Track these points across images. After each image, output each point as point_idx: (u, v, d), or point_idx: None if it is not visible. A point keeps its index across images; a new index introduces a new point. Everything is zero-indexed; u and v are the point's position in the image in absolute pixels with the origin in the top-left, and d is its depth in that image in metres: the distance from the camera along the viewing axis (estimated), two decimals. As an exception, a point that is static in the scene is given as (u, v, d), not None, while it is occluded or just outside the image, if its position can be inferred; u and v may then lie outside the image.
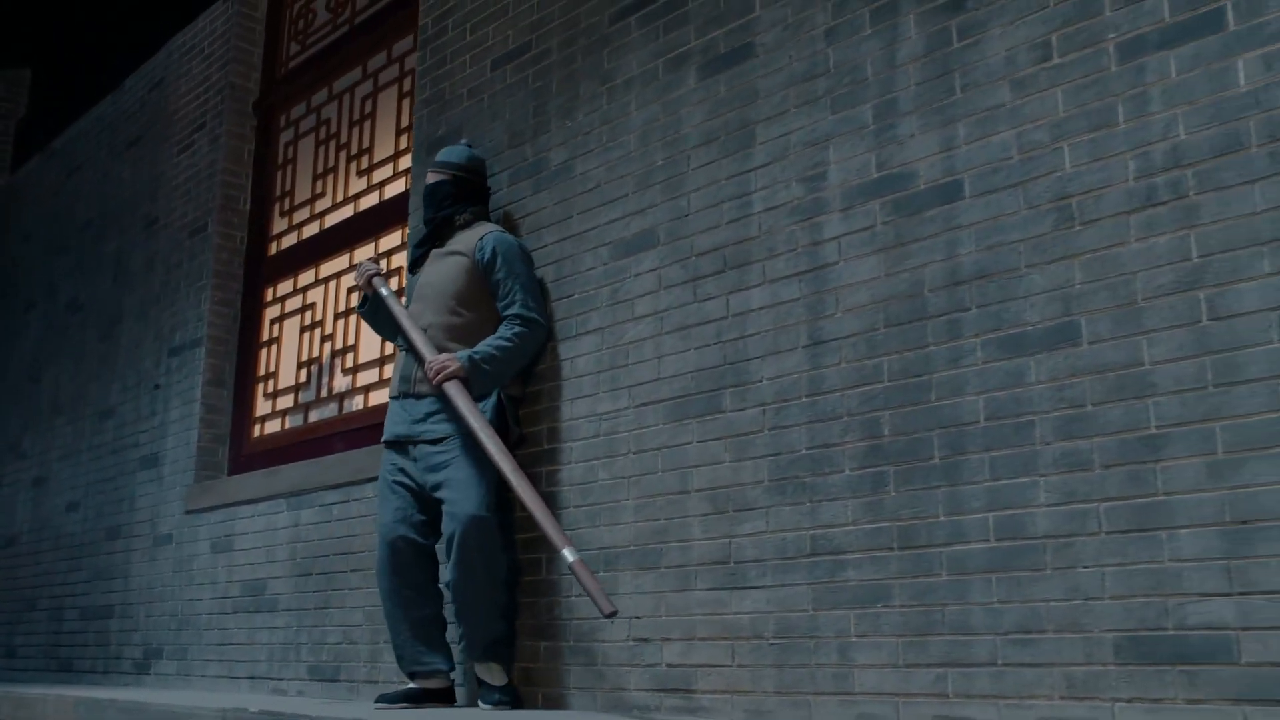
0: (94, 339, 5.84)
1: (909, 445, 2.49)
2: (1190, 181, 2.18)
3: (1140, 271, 2.22)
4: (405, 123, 4.39)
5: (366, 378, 4.32)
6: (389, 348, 4.15)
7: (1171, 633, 2.08)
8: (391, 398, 3.37)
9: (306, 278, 4.78)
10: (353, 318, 4.47)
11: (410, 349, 3.32)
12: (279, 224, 5.05)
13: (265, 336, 4.93)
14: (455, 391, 3.11)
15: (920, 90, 2.63)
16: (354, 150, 4.69)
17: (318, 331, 4.64)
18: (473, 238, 3.35)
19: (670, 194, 3.13)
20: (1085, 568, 2.20)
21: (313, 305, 4.71)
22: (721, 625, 2.76)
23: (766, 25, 3.00)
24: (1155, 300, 2.19)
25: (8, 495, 6.37)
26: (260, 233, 5.09)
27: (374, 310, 3.52)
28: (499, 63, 3.82)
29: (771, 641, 2.66)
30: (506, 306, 3.26)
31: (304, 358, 4.69)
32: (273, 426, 4.77)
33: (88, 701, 3.77)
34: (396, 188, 4.37)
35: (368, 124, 4.65)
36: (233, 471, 4.81)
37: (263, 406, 4.86)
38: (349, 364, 4.45)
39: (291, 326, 4.83)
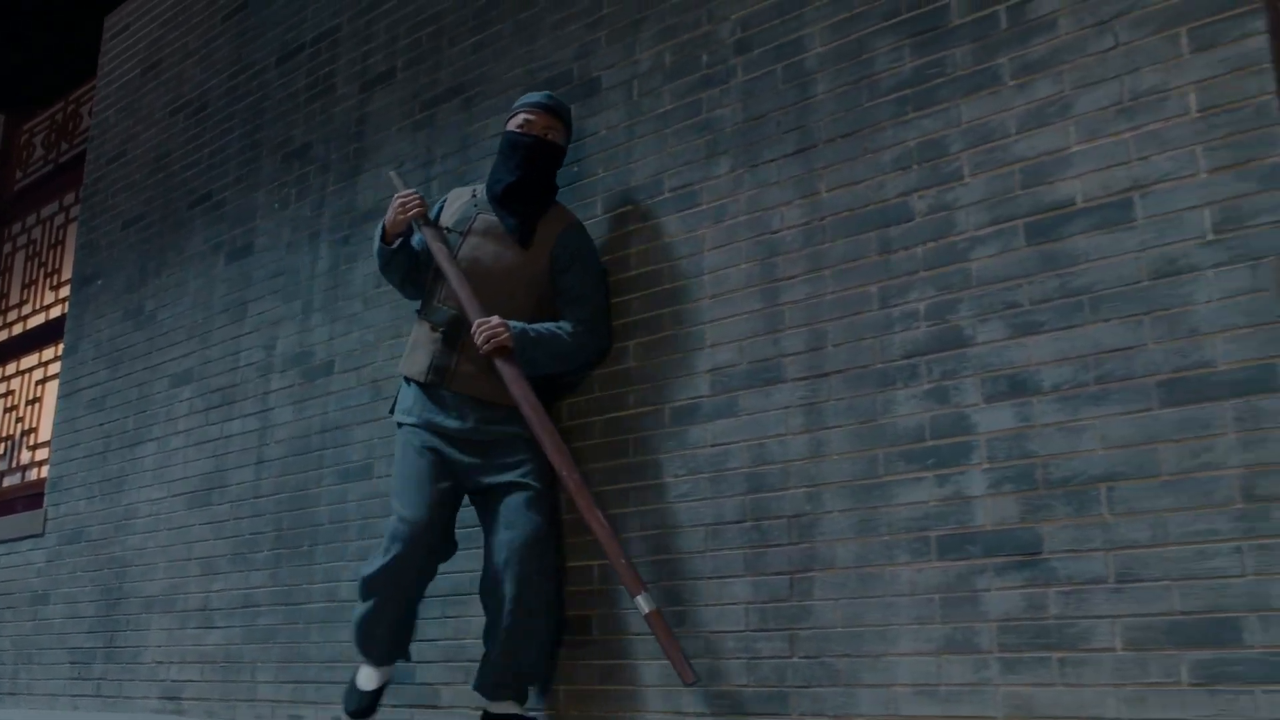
0: None
1: (295, 537, 3.78)
2: (429, 379, 3.50)
3: (403, 434, 3.52)
4: (81, 253, 5.61)
5: (41, 454, 5.53)
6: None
7: (400, 664, 3.38)
8: (415, 382, 2.97)
9: (11, 369, 5.96)
10: (39, 405, 5.66)
11: (444, 321, 2.95)
12: (-1, 321, 6.24)
13: (-19, 414, 6.11)
14: (511, 378, 2.77)
15: (324, 295, 3.93)
16: (50, 269, 5.89)
17: (14, 414, 5.83)
18: (554, 225, 2.97)
19: (202, 345, 4.39)
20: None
21: (12, 392, 5.90)
22: (200, 653, 4.03)
23: (261, 232, 4.28)
24: (407, 453, 3.50)
25: None
26: (-16, 327, 6.27)
27: (394, 254, 3.06)
28: (127, 224, 5.06)
29: (222, 664, 3.93)
30: (571, 311, 2.93)
31: (3, 434, 5.87)
32: (-17, 488, 5.95)
33: None
34: (71, 305, 5.57)
35: (60, 249, 5.85)
36: (-49, 523, 5.96)
37: (-23, 471, 6.03)
38: (32, 441, 5.65)
39: None
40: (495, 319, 2.78)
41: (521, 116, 3.01)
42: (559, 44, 3.40)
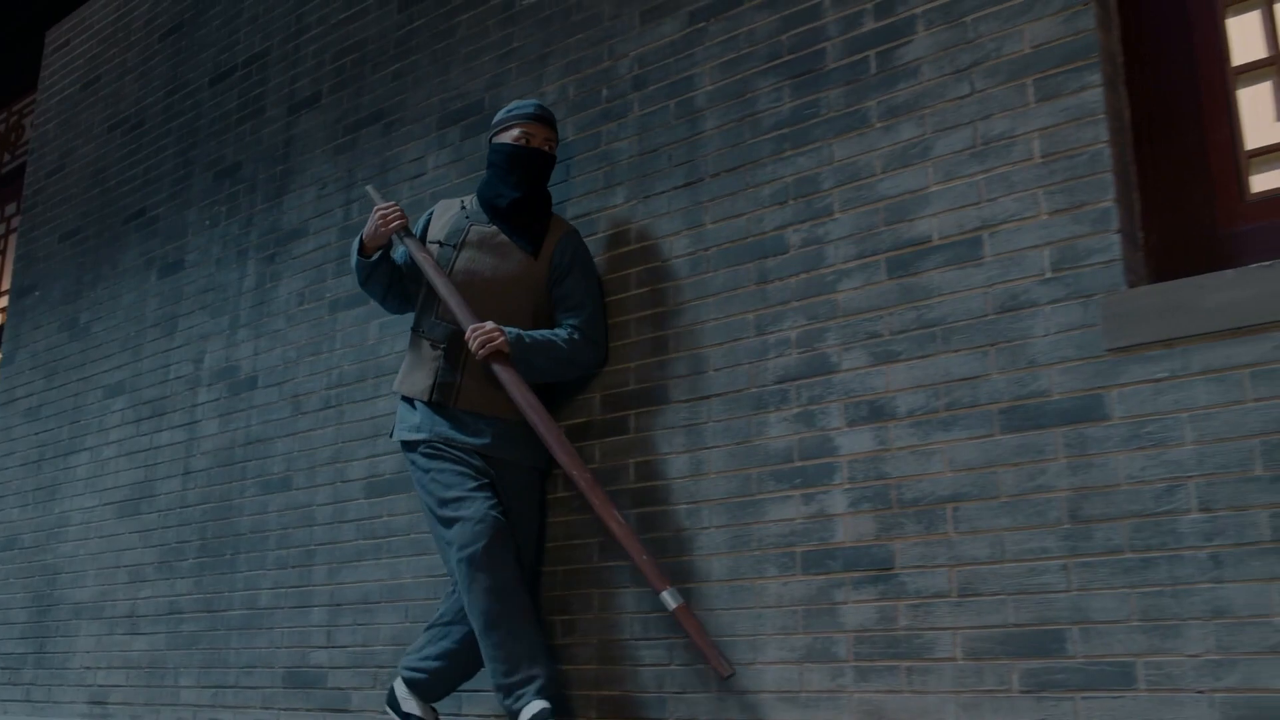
0: None
1: (218, 546, 3.89)
2: (340, 397, 3.63)
3: (323, 447, 3.65)
4: (22, 263, 5.69)
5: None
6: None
7: (314, 669, 3.50)
8: (421, 401, 2.88)
9: (-48, 376, 6.04)
10: (-21, 412, 5.74)
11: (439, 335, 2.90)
12: (-59, 328, 6.30)
13: (-77, 420, 6.17)
14: (510, 381, 2.73)
15: (250, 311, 4.05)
16: (-9, 278, 5.98)
17: (-45, 421, 5.91)
18: (554, 234, 2.94)
19: (134, 358, 4.50)
20: (273, 629, 3.62)
21: (-46, 399, 5.97)
22: (126, 659, 4.13)
23: (192, 248, 4.39)
24: (321, 467, 3.62)
25: None
26: (-73, 334, 6.33)
27: (375, 266, 3.00)
28: (64, 237, 5.15)
29: (147, 670, 4.03)
30: (569, 318, 2.90)
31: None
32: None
33: None
34: (12, 314, 5.66)
35: (0, 259, 5.93)
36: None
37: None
38: (-28, 449, 5.72)
39: (-59, 413, 6.07)
40: (489, 324, 2.74)
41: (518, 129, 2.93)
42: (472, 75, 3.54)
